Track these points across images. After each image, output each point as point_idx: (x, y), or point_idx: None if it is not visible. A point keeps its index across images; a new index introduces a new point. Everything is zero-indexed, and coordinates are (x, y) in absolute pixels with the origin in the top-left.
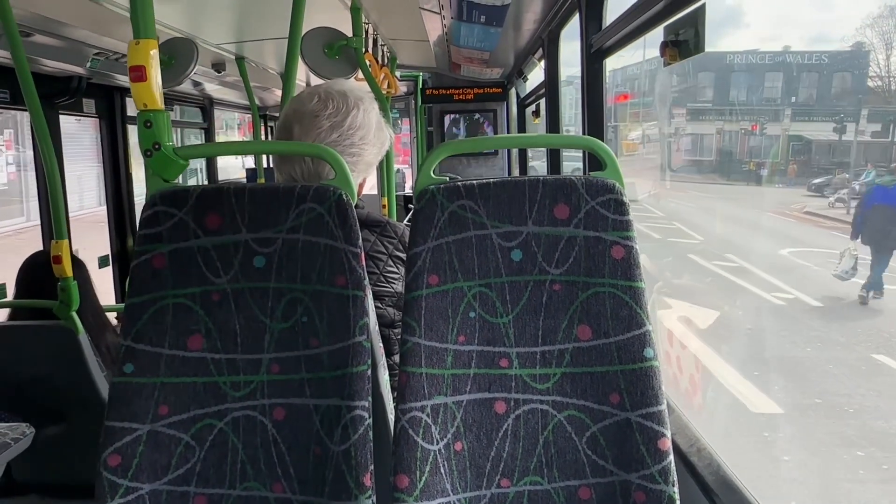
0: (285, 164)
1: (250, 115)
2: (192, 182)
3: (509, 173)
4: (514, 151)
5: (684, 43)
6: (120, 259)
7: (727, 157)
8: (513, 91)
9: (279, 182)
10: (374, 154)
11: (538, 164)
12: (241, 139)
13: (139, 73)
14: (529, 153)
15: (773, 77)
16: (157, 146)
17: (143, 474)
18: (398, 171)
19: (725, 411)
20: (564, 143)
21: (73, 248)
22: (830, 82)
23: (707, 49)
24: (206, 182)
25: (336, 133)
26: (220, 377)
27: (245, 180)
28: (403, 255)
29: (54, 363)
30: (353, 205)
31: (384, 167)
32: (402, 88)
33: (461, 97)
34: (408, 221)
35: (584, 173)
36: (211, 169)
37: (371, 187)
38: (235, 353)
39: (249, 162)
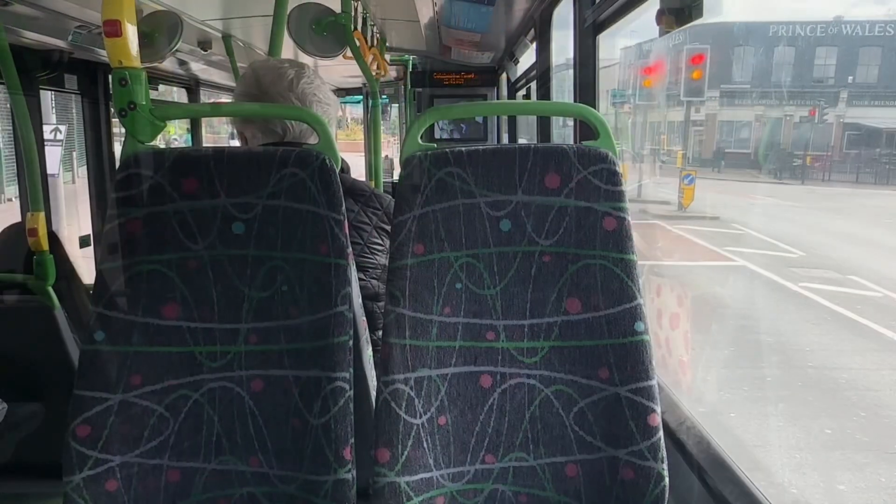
0: (267, 126)
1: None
2: None
3: None
4: (504, 136)
5: (681, 10)
6: None
7: (772, 148)
8: (503, 77)
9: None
10: (336, 106)
11: None
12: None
13: (114, 28)
14: (521, 140)
15: (824, 53)
16: (132, 105)
17: (113, 446)
18: (385, 157)
19: None
20: (556, 110)
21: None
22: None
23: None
24: None
25: (304, 79)
26: (196, 347)
27: None
28: (388, 227)
29: (29, 339)
30: (338, 170)
31: (372, 153)
32: (392, 73)
33: (451, 82)
34: None
35: (576, 142)
36: (196, 143)
37: (358, 174)
38: (212, 323)
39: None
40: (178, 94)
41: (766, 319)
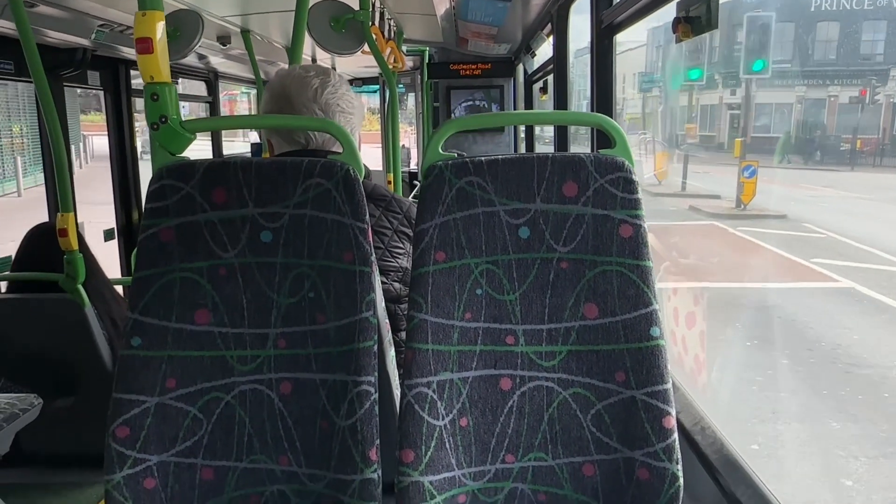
0: (292, 135)
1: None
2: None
3: (515, 150)
4: (521, 128)
5: (696, 19)
6: (125, 232)
7: (816, 132)
8: (520, 67)
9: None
10: (360, 114)
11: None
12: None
13: (146, 45)
14: (537, 130)
15: (872, 28)
16: (163, 119)
17: (150, 446)
18: (403, 146)
19: None
20: (573, 120)
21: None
22: None
23: None
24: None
25: (329, 88)
26: (228, 351)
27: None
28: (409, 231)
29: (61, 336)
30: (361, 180)
31: (390, 143)
32: (409, 63)
33: (468, 73)
34: (413, 196)
35: (593, 150)
36: (216, 143)
37: (376, 163)
38: (242, 328)
39: (254, 136)
40: (191, 86)
41: None
